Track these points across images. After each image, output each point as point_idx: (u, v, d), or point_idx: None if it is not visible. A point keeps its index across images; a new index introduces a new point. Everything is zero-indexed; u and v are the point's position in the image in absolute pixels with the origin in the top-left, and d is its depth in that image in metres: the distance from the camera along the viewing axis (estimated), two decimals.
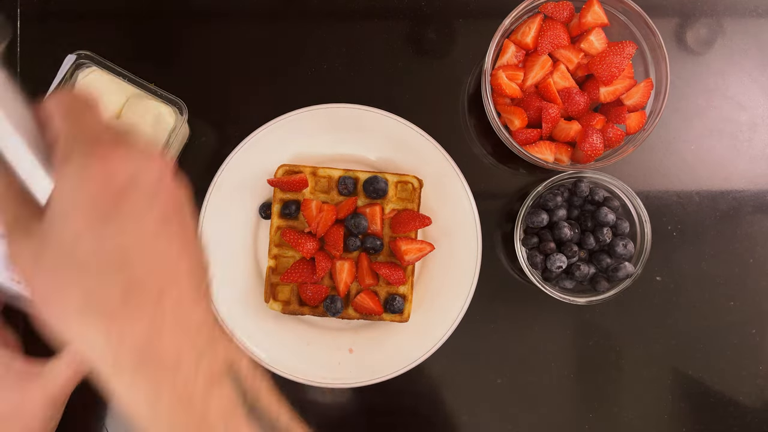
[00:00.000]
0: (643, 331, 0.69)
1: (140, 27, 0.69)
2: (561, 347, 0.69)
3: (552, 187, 0.66)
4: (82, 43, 0.68)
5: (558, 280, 0.66)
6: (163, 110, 0.62)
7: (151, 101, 0.62)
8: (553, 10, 0.63)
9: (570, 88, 0.63)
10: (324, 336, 0.66)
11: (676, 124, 0.70)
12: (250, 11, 0.69)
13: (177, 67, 0.69)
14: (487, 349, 0.68)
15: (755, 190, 0.70)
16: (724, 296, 0.70)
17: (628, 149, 0.63)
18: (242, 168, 0.66)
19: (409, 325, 0.66)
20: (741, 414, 0.69)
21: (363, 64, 0.69)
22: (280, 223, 0.65)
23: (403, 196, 0.66)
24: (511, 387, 0.68)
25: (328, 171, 0.65)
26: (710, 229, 0.70)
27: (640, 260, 0.64)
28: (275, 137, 0.66)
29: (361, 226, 0.63)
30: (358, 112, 0.66)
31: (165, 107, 0.62)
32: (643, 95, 0.64)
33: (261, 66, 0.69)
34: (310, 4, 0.69)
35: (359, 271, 0.65)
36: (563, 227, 0.64)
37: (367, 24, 0.69)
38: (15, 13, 0.68)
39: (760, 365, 0.69)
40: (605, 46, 0.63)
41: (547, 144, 0.64)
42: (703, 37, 0.71)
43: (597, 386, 0.69)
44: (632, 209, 0.66)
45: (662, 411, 0.69)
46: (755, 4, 0.71)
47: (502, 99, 0.65)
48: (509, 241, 0.68)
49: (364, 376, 0.65)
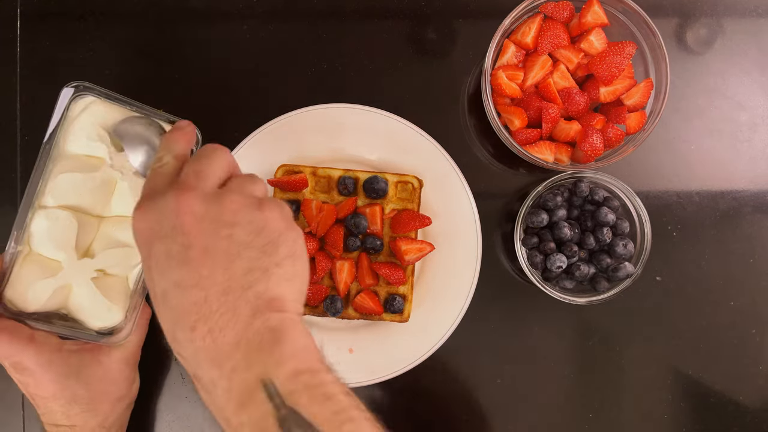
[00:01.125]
0: (643, 331, 0.69)
1: (137, 27, 0.69)
2: (561, 347, 0.69)
3: (552, 187, 0.66)
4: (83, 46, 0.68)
5: (558, 280, 0.66)
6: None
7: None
8: (553, 10, 0.63)
9: (570, 88, 0.63)
10: (324, 336, 0.66)
11: (676, 124, 0.70)
12: (250, 11, 0.69)
13: (177, 67, 0.69)
14: (486, 349, 0.68)
15: (755, 190, 0.70)
16: (724, 296, 0.70)
17: (628, 149, 0.63)
18: (242, 168, 0.65)
19: (409, 325, 0.66)
20: (741, 414, 0.69)
21: (363, 64, 0.69)
22: None
23: (403, 196, 0.66)
24: (510, 387, 0.68)
25: (328, 171, 0.65)
26: (710, 229, 0.70)
27: (640, 260, 0.64)
28: (275, 137, 0.66)
29: (361, 226, 0.63)
30: (358, 112, 0.66)
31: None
32: (643, 95, 0.64)
33: (261, 66, 0.69)
34: (310, 4, 0.69)
35: (359, 271, 0.65)
36: (563, 227, 0.64)
37: (367, 24, 0.69)
38: (15, 13, 0.68)
39: (760, 365, 0.69)
40: (605, 46, 0.63)
41: (547, 144, 0.64)
42: (703, 37, 0.71)
43: (597, 386, 0.69)
44: (632, 209, 0.66)
45: (662, 411, 0.69)
46: (755, 4, 0.71)
47: (502, 99, 0.65)
48: (509, 241, 0.68)
49: (364, 376, 0.65)
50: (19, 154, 0.67)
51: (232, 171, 0.46)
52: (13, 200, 0.67)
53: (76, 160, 0.55)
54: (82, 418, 0.54)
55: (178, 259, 0.39)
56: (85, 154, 0.55)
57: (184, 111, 0.60)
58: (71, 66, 0.68)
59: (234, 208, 0.41)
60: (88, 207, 0.56)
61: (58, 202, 0.54)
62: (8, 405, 0.68)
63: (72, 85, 0.55)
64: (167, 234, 0.39)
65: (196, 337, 0.38)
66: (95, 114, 0.55)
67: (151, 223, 0.40)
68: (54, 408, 0.53)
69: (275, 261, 0.41)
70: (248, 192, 0.43)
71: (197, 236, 0.39)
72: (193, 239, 0.39)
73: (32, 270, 0.54)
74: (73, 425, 0.54)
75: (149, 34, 0.69)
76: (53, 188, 0.54)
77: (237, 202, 0.41)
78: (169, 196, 0.40)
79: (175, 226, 0.39)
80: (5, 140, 0.67)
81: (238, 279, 0.39)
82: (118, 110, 0.56)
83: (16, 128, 0.67)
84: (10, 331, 0.51)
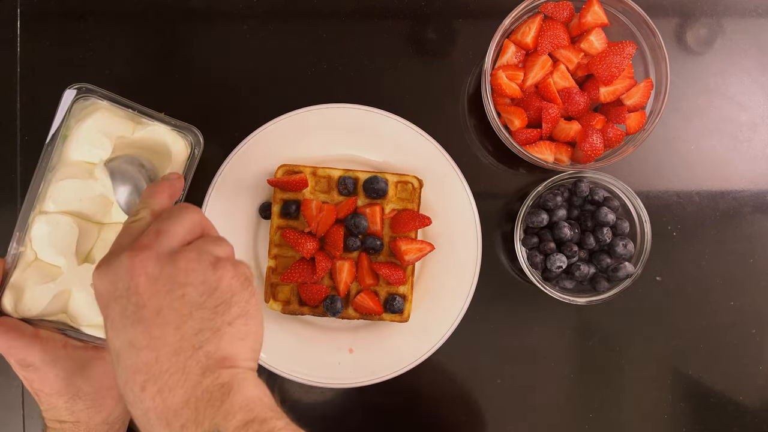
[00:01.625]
0: (643, 331, 0.69)
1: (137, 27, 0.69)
2: (561, 347, 0.69)
3: (552, 187, 0.66)
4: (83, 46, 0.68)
5: (558, 280, 0.66)
6: (168, 138, 0.58)
7: (159, 129, 0.58)
8: (553, 10, 0.63)
9: (570, 88, 0.63)
10: (324, 336, 0.66)
11: (676, 124, 0.70)
12: (250, 11, 0.69)
13: (177, 67, 0.69)
14: (486, 349, 0.68)
15: (755, 190, 0.70)
16: (724, 296, 0.70)
17: (628, 149, 0.63)
18: (242, 168, 0.66)
19: (409, 325, 0.66)
20: (741, 414, 0.69)
21: (363, 64, 0.69)
22: (280, 223, 0.65)
23: (403, 196, 0.66)
24: (510, 387, 0.68)
25: (328, 171, 0.65)
26: (710, 229, 0.70)
27: (640, 260, 0.64)
28: (275, 137, 0.66)
29: (361, 226, 0.63)
30: (358, 112, 0.66)
31: (176, 136, 0.58)
32: (643, 95, 0.64)
33: (261, 66, 0.69)
34: (310, 4, 0.69)
35: (359, 271, 0.65)
36: (563, 227, 0.64)
37: (367, 24, 0.69)
38: (15, 13, 0.68)
39: (760, 365, 0.69)
40: (605, 46, 0.63)
41: (547, 144, 0.64)
42: (703, 37, 0.71)
43: (597, 386, 0.69)
44: (632, 209, 0.66)
45: (662, 411, 0.69)
46: (755, 4, 0.71)
47: (502, 99, 0.65)
48: (509, 241, 0.68)
49: (364, 376, 0.65)
50: (19, 154, 0.67)
51: (203, 231, 0.46)
52: (13, 200, 0.67)
53: (78, 167, 0.55)
54: (87, 414, 0.54)
55: (131, 319, 0.40)
56: (86, 161, 0.56)
57: (184, 111, 0.60)
58: (71, 66, 0.68)
59: (188, 267, 0.41)
60: (89, 213, 0.56)
61: (59, 208, 0.54)
62: (8, 404, 0.68)
63: (75, 86, 0.55)
64: (122, 294, 0.40)
65: (146, 397, 0.39)
66: (99, 121, 0.55)
67: (108, 284, 0.41)
68: (58, 404, 0.53)
69: (227, 320, 0.41)
70: (207, 252, 0.43)
71: (150, 297, 0.40)
72: (146, 300, 0.40)
73: (32, 275, 0.54)
74: (77, 421, 0.54)
75: (149, 34, 0.69)
76: (54, 193, 0.54)
77: (192, 261, 0.42)
78: (124, 256, 0.41)
79: (129, 287, 0.40)
80: (5, 140, 0.67)
81: (189, 339, 0.40)
82: (121, 119, 0.56)
83: (16, 128, 0.67)
84: (15, 328, 0.52)
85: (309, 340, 0.66)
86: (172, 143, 0.58)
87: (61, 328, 0.55)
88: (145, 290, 0.40)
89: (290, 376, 0.64)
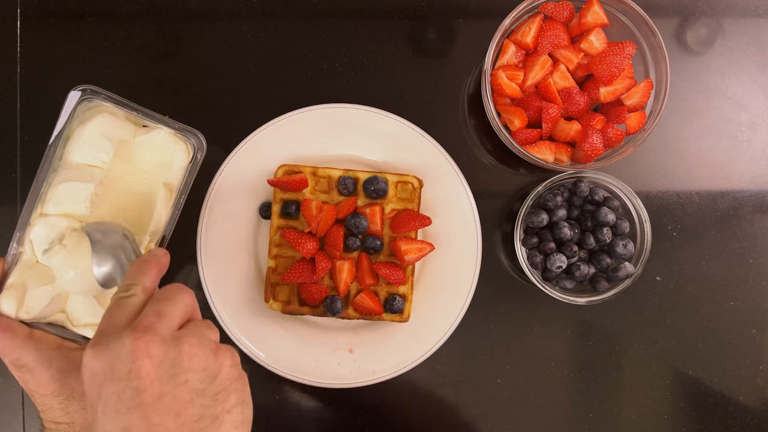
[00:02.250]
0: (643, 331, 0.69)
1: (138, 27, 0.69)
2: (561, 347, 0.69)
3: (552, 187, 0.66)
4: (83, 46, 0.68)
5: (558, 280, 0.66)
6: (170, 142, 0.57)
7: (160, 134, 0.57)
8: (553, 10, 0.63)
9: (570, 88, 0.63)
10: (324, 336, 0.66)
11: (676, 124, 0.70)
12: (250, 11, 0.69)
13: (177, 67, 0.69)
14: (487, 349, 0.68)
15: (755, 190, 0.70)
16: (724, 296, 0.70)
17: (628, 149, 0.63)
18: (242, 168, 0.66)
19: (409, 325, 0.66)
20: (741, 414, 0.69)
21: (363, 64, 0.69)
22: (280, 223, 0.65)
23: (403, 196, 0.66)
24: (511, 387, 0.68)
25: (328, 171, 0.65)
26: (710, 229, 0.70)
27: (640, 260, 0.64)
28: (275, 137, 0.66)
29: (361, 226, 0.63)
30: (358, 112, 0.66)
31: (177, 141, 0.57)
32: (643, 95, 0.64)
33: (261, 66, 0.69)
34: (310, 4, 0.69)
35: (359, 271, 0.65)
36: (563, 227, 0.64)
37: (367, 24, 0.69)
38: (15, 13, 0.68)
39: (760, 365, 0.69)
40: (605, 46, 0.63)
41: (547, 144, 0.64)
42: (703, 37, 0.71)
43: (597, 386, 0.69)
44: (632, 209, 0.66)
45: (662, 411, 0.69)
46: (755, 4, 0.71)
47: (502, 99, 0.65)
48: (509, 241, 0.68)
49: (364, 376, 0.65)
50: (19, 155, 0.67)
51: (192, 314, 0.45)
52: (13, 200, 0.67)
53: (79, 170, 0.55)
54: (82, 415, 0.54)
55: (129, 404, 0.38)
56: (88, 164, 0.56)
57: (184, 111, 0.60)
58: (71, 66, 0.68)
59: (191, 352, 0.41)
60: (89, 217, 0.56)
61: (59, 211, 0.54)
62: (8, 405, 0.68)
63: (79, 88, 0.54)
64: (121, 377, 0.39)
65: None
66: (101, 124, 0.55)
67: (105, 365, 0.39)
68: (53, 405, 0.53)
69: (226, 408, 0.41)
70: (206, 337, 0.42)
71: (152, 382, 0.39)
72: (148, 384, 0.38)
73: (30, 277, 0.54)
74: (72, 422, 0.54)
75: (149, 34, 0.69)
76: (55, 196, 0.54)
77: (195, 346, 0.41)
78: (126, 338, 0.39)
79: (131, 370, 0.39)
80: (5, 140, 0.67)
81: (188, 426, 0.39)
82: (124, 123, 0.56)
83: (16, 128, 0.67)
84: (9, 328, 0.52)
85: (309, 340, 0.66)
86: (174, 149, 0.57)
87: (57, 332, 0.54)
88: (148, 374, 0.38)
89: (290, 376, 0.64)
